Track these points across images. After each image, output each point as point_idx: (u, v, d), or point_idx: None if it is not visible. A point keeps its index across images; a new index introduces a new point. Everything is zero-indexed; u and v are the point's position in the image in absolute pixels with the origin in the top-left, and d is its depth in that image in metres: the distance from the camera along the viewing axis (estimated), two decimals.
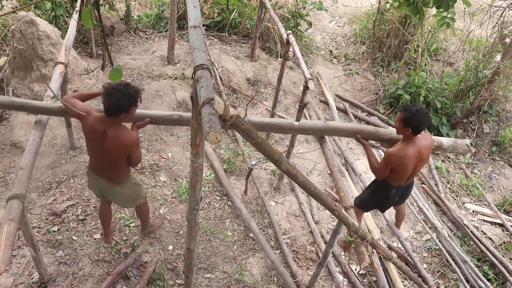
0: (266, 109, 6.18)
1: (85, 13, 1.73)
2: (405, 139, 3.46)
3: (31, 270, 3.61)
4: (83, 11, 1.73)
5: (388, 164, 3.49)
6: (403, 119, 3.34)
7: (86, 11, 1.73)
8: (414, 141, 3.44)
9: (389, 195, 3.77)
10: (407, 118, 3.32)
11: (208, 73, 1.83)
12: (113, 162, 3.22)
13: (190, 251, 2.76)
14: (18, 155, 4.55)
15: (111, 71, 2.02)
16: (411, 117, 3.30)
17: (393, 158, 3.43)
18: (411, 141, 3.44)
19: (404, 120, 3.34)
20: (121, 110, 2.99)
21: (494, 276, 4.48)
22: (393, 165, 3.48)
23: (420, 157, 3.50)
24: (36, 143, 3.07)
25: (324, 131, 3.77)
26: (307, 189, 2.30)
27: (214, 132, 1.56)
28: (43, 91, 4.79)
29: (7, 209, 2.58)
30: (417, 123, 3.31)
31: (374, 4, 8.11)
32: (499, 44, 6.29)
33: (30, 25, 4.71)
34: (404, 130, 3.38)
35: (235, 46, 7.20)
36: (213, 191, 4.79)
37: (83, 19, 1.74)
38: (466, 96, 6.58)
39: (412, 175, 3.67)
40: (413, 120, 3.30)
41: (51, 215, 4.09)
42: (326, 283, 4.13)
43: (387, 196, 3.79)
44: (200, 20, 2.28)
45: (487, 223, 5.28)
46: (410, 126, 3.33)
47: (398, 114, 3.42)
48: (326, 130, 3.72)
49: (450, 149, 3.79)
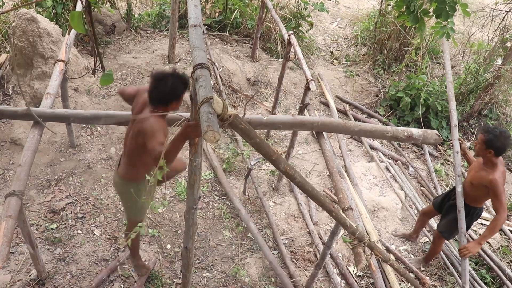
0: (266, 110, 6.18)
1: (76, 17, 1.59)
2: (489, 161, 3.46)
3: (29, 267, 3.61)
4: (73, 15, 1.58)
5: (503, 191, 3.41)
6: (486, 141, 3.34)
7: (77, 15, 1.59)
8: (501, 161, 3.46)
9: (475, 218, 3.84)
10: (489, 140, 3.32)
11: (207, 72, 1.83)
12: (129, 150, 2.89)
13: (188, 250, 2.76)
14: (17, 152, 4.55)
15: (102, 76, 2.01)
16: (494, 140, 3.31)
17: (500, 182, 3.41)
18: (498, 161, 3.44)
19: (486, 142, 3.34)
20: (164, 100, 2.71)
21: (491, 280, 4.48)
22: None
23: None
24: (35, 140, 3.07)
25: (293, 125, 3.75)
26: (305, 189, 2.30)
27: (213, 131, 1.56)
28: (43, 89, 4.80)
29: (5, 206, 2.58)
30: (500, 145, 3.32)
31: (376, 6, 8.11)
32: (500, 48, 6.29)
33: (31, 23, 4.71)
34: (486, 152, 3.39)
35: (236, 46, 7.20)
36: (212, 190, 4.79)
37: (72, 24, 1.59)
38: (466, 100, 6.58)
39: None
40: (496, 143, 3.31)
41: (49, 213, 4.09)
42: (324, 284, 4.13)
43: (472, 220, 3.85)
44: (200, 19, 2.29)
45: (485, 226, 5.27)
46: (493, 148, 3.34)
47: (480, 136, 3.43)
48: (295, 124, 3.70)
49: (421, 139, 3.79)
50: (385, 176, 5.55)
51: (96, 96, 5.41)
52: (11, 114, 3.32)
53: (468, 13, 3.51)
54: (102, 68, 2.20)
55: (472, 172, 3.66)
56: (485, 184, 3.48)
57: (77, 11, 1.62)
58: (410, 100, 6.51)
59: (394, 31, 7.47)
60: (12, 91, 4.99)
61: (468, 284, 3.65)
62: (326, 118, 6.05)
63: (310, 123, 3.70)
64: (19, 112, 3.23)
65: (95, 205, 4.27)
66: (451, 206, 3.90)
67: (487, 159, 3.45)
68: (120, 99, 5.21)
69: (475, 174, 3.59)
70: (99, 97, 5.42)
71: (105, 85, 1.99)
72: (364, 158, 5.87)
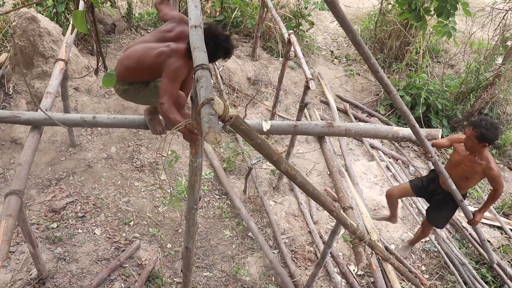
0: (267, 109, 6.18)
1: (78, 17, 1.60)
2: (480, 153, 3.46)
3: (30, 266, 3.61)
4: (76, 14, 1.60)
5: (501, 175, 3.57)
6: (478, 136, 3.31)
7: (80, 15, 1.60)
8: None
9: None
10: (481, 134, 3.29)
11: (208, 73, 1.83)
12: (139, 61, 3.03)
13: (189, 249, 2.76)
14: (18, 151, 4.55)
15: (105, 76, 2.01)
16: (487, 133, 3.28)
17: (499, 169, 3.54)
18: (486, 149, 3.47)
19: (479, 136, 3.31)
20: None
21: (492, 279, 4.49)
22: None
23: None
24: (36, 139, 3.07)
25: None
26: (306, 190, 2.30)
27: (214, 132, 1.56)
28: (43, 88, 4.79)
29: (5, 205, 2.58)
30: (492, 136, 3.31)
31: (376, 5, 8.10)
32: (500, 46, 6.28)
33: (32, 22, 4.71)
34: (479, 146, 3.37)
35: (236, 45, 7.19)
36: (213, 189, 4.79)
37: (75, 23, 1.60)
38: (466, 99, 6.58)
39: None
40: (489, 135, 3.29)
41: (50, 212, 4.09)
42: (324, 283, 4.14)
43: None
44: (200, 20, 2.28)
45: (486, 225, 5.28)
46: (486, 141, 3.32)
47: (470, 132, 3.35)
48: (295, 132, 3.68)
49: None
50: (385, 175, 5.56)
51: (96, 96, 5.40)
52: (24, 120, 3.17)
53: (469, 12, 3.50)
54: (104, 68, 2.20)
55: (463, 167, 3.61)
56: (484, 176, 3.57)
57: (80, 11, 1.62)
58: (411, 99, 6.51)
59: (395, 30, 7.46)
60: (12, 90, 4.98)
61: (492, 254, 4.46)
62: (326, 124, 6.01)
63: (313, 132, 3.66)
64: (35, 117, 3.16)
65: (95, 204, 4.27)
66: (441, 200, 3.90)
67: (479, 152, 3.45)
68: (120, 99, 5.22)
69: (470, 169, 3.56)
70: (100, 96, 5.41)
71: (108, 85, 1.99)
72: (364, 157, 5.87)
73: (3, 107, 4.81)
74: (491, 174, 3.50)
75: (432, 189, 3.95)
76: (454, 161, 3.67)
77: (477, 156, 3.49)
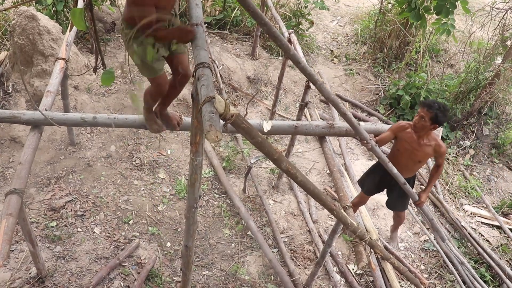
0: (266, 108, 6.18)
1: (77, 14, 1.61)
2: (429, 134, 3.49)
3: (29, 265, 3.61)
4: (74, 12, 1.61)
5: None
6: (432, 117, 3.32)
7: (78, 12, 1.60)
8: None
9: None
10: (435, 116, 3.30)
11: (209, 72, 1.83)
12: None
13: (188, 248, 2.76)
14: (17, 150, 4.55)
15: (103, 74, 2.00)
16: (440, 115, 3.30)
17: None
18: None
19: (432, 118, 3.32)
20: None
21: (491, 278, 4.49)
22: None
23: None
24: (36, 138, 3.07)
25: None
26: (306, 188, 2.30)
27: (215, 130, 1.56)
28: (43, 86, 4.79)
29: (6, 204, 2.58)
30: (444, 119, 3.34)
31: (376, 5, 8.10)
32: (500, 46, 6.29)
33: (31, 20, 4.70)
34: (430, 127, 3.39)
35: (236, 44, 7.19)
36: (212, 188, 4.79)
37: (73, 21, 1.62)
38: (466, 98, 6.58)
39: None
40: (441, 117, 3.32)
41: (49, 211, 4.08)
42: (323, 282, 4.14)
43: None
44: (201, 18, 2.28)
45: (485, 225, 5.29)
46: (438, 123, 3.34)
47: (423, 112, 3.35)
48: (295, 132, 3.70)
49: None
50: None
51: (96, 94, 5.40)
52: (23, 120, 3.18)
53: (468, 10, 3.51)
54: (103, 66, 2.19)
55: (415, 153, 3.58)
56: (434, 155, 3.61)
57: (78, 8, 1.62)
58: (410, 99, 6.51)
59: (394, 30, 7.46)
60: (12, 89, 4.98)
61: (442, 231, 4.69)
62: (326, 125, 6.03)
63: (314, 133, 3.68)
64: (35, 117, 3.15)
65: (95, 203, 4.27)
66: (393, 185, 3.89)
67: (428, 133, 3.48)
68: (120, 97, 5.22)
69: (422, 153, 3.56)
70: (99, 95, 5.40)
71: (106, 84, 1.98)
72: (364, 156, 5.87)
73: (3, 106, 4.80)
74: (441, 151, 3.56)
75: (388, 180, 3.90)
76: (403, 149, 3.62)
77: (425, 139, 3.52)
